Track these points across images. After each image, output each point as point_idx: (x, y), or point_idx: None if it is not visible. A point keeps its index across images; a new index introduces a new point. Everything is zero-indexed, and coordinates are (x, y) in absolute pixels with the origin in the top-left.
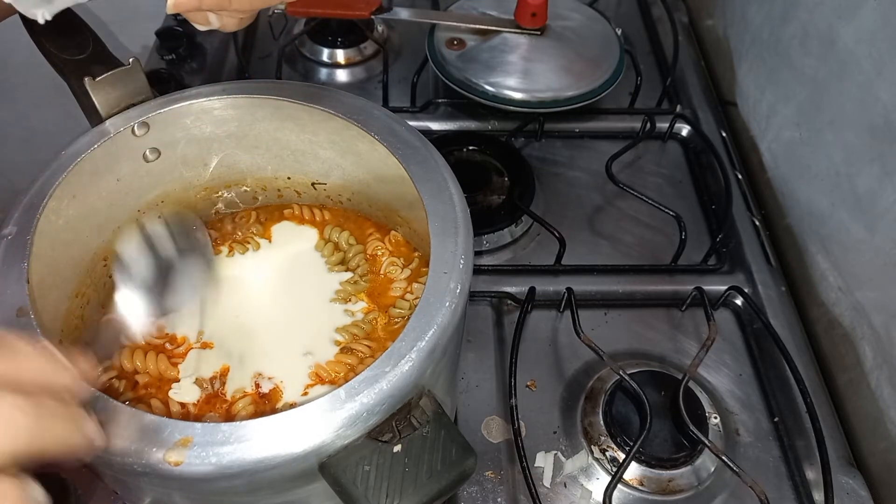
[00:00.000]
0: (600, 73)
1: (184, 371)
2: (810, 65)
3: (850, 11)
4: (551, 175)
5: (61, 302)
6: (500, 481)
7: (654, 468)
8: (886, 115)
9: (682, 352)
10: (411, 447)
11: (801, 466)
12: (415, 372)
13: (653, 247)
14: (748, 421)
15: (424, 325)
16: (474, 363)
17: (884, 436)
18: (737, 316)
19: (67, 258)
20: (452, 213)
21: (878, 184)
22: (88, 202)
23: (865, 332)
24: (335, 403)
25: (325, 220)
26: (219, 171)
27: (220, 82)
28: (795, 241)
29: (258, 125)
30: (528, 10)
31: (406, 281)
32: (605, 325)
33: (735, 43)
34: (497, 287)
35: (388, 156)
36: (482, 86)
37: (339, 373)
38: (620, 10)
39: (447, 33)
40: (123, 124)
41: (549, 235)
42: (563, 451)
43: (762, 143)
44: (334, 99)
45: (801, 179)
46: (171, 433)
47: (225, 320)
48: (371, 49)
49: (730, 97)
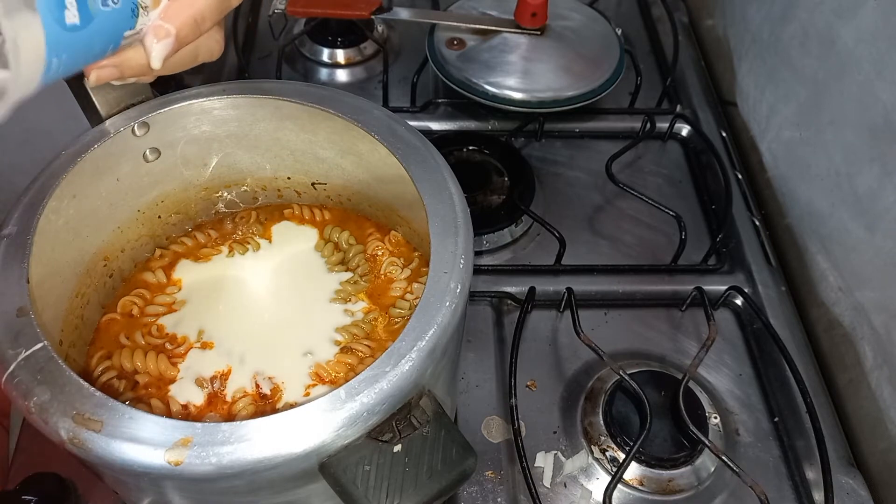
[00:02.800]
0: (600, 73)
1: (184, 371)
2: (810, 65)
3: (850, 11)
4: (551, 175)
5: (61, 302)
6: (500, 481)
7: (654, 468)
8: (886, 115)
9: (682, 352)
10: (411, 447)
11: (801, 466)
12: (415, 372)
13: (653, 247)
14: (748, 421)
15: (424, 325)
16: (474, 363)
17: (884, 436)
18: (737, 316)
19: (67, 258)
20: (452, 213)
21: (878, 184)
22: (88, 202)
23: (865, 332)
24: (335, 403)
25: (325, 220)
26: (219, 171)
27: (220, 82)
28: (795, 241)
29: (258, 125)
30: (528, 10)
31: (406, 281)
32: (605, 325)
33: (735, 43)
34: (497, 287)
35: (388, 156)
36: (482, 86)
37: (339, 373)
38: (620, 10)
39: (447, 33)
40: (123, 124)
41: (549, 235)
42: (563, 451)
43: (762, 143)
44: (334, 99)
45: (801, 179)
46: (171, 433)
47: (225, 320)
48: (371, 49)
49: (730, 97)
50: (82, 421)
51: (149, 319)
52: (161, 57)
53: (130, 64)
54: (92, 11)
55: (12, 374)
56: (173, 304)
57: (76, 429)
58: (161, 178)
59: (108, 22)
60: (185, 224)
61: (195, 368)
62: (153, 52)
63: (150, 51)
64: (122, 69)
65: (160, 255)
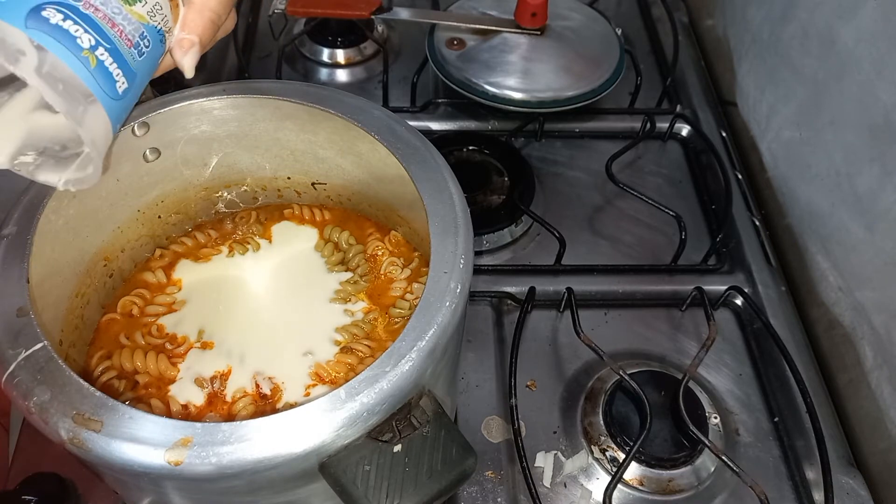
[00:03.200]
0: (600, 73)
1: (184, 371)
2: (810, 65)
3: (850, 11)
4: (551, 175)
5: (61, 302)
6: (500, 481)
7: (654, 468)
8: (886, 115)
9: (682, 352)
10: (411, 447)
11: (801, 466)
12: (415, 372)
13: (653, 247)
14: (748, 421)
15: (424, 325)
16: (474, 363)
17: (884, 436)
18: (737, 316)
19: (67, 258)
20: (452, 213)
21: (878, 184)
22: (88, 202)
23: (865, 332)
24: (335, 403)
25: (325, 220)
26: (219, 171)
27: (220, 82)
28: (795, 241)
29: (258, 125)
30: (528, 10)
31: (406, 281)
32: (605, 325)
33: (735, 43)
34: (497, 287)
35: (388, 156)
36: (482, 86)
37: (339, 373)
38: (620, 10)
39: (447, 33)
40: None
41: (549, 235)
42: (563, 451)
43: (762, 143)
44: (334, 99)
45: (801, 179)
46: (171, 433)
47: (225, 320)
48: (371, 49)
49: (730, 97)
50: (82, 421)
51: (149, 319)
52: (192, 66)
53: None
54: (134, 68)
55: (12, 374)
56: (173, 304)
57: (76, 429)
58: (161, 178)
59: (147, 65)
60: (185, 224)
61: (195, 368)
62: (184, 64)
63: (180, 64)
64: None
65: (160, 255)
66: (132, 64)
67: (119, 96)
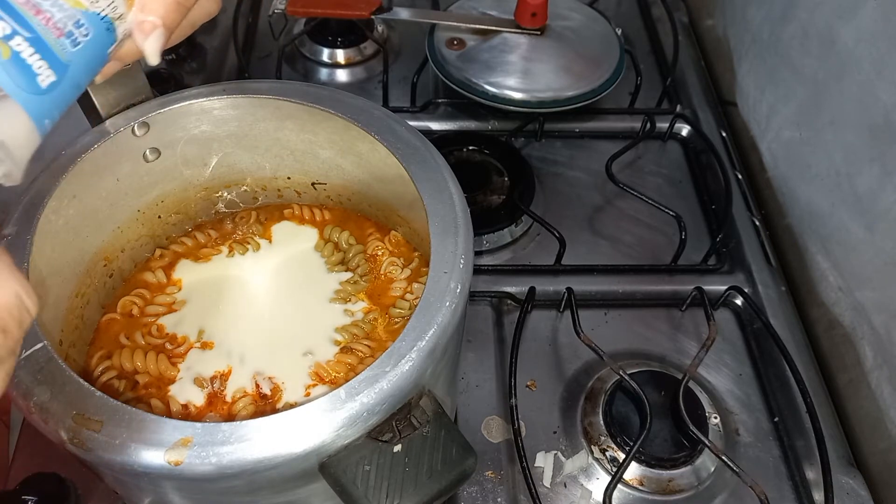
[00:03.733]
0: (600, 73)
1: (184, 371)
2: (810, 65)
3: (850, 11)
4: (551, 175)
5: (61, 302)
6: (500, 481)
7: (654, 468)
8: (886, 115)
9: (682, 352)
10: (411, 447)
11: (801, 466)
12: (415, 372)
13: (653, 247)
14: (748, 421)
15: (424, 325)
16: (474, 363)
17: (884, 436)
18: (737, 316)
19: (67, 258)
20: (452, 213)
21: (878, 184)
22: (88, 202)
23: (865, 332)
24: (335, 403)
25: (325, 220)
26: (219, 171)
27: (220, 82)
28: (795, 241)
29: (258, 125)
30: (528, 10)
31: (406, 281)
32: (605, 325)
33: (735, 43)
34: (497, 287)
35: (388, 156)
36: (482, 86)
37: (339, 373)
38: (620, 10)
39: (447, 33)
40: (123, 124)
41: (549, 235)
42: (563, 451)
43: (762, 143)
44: (334, 99)
45: (801, 179)
46: (171, 433)
47: (225, 320)
48: (371, 49)
49: (730, 97)
50: (82, 421)
51: (149, 319)
52: (156, 51)
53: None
54: (64, 60)
55: None
56: (173, 304)
57: (76, 429)
58: (161, 178)
59: (85, 56)
60: (185, 224)
61: (195, 368)
62: (146, 49)
63: (143, 49)
64: (123, 60)
65: (160, 255)
66: (62, 55)
67: (42, 91)
